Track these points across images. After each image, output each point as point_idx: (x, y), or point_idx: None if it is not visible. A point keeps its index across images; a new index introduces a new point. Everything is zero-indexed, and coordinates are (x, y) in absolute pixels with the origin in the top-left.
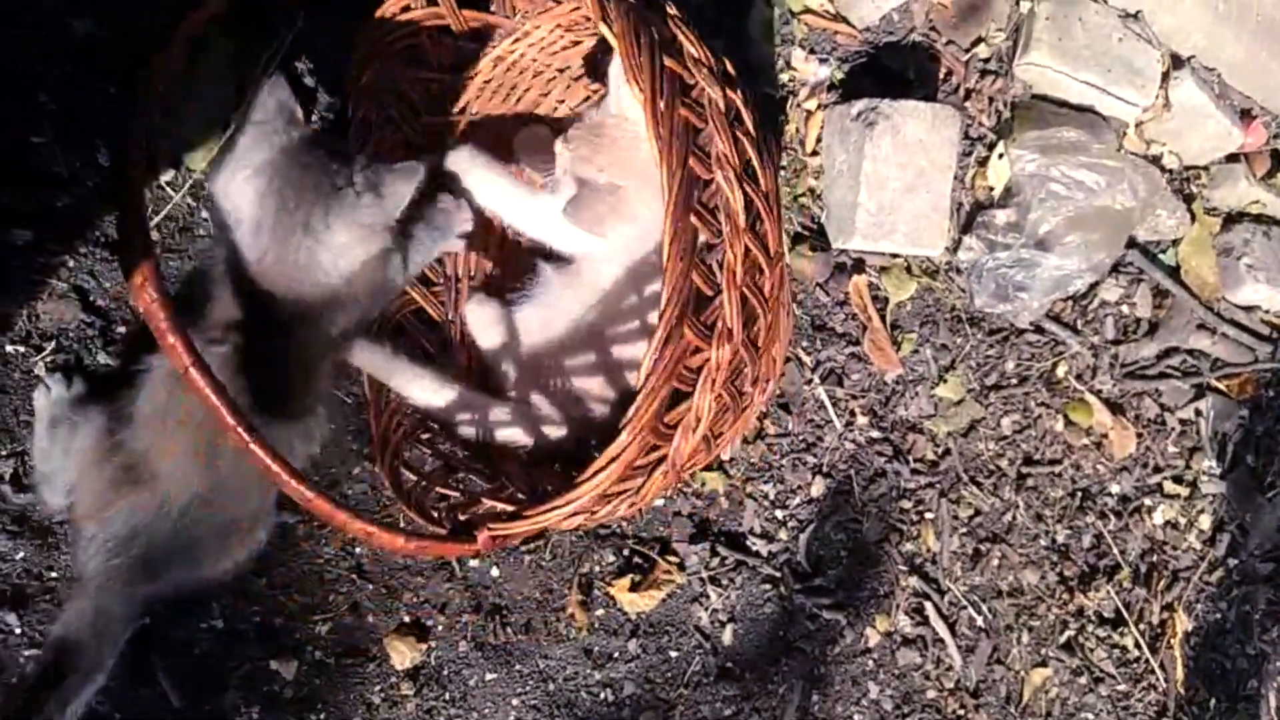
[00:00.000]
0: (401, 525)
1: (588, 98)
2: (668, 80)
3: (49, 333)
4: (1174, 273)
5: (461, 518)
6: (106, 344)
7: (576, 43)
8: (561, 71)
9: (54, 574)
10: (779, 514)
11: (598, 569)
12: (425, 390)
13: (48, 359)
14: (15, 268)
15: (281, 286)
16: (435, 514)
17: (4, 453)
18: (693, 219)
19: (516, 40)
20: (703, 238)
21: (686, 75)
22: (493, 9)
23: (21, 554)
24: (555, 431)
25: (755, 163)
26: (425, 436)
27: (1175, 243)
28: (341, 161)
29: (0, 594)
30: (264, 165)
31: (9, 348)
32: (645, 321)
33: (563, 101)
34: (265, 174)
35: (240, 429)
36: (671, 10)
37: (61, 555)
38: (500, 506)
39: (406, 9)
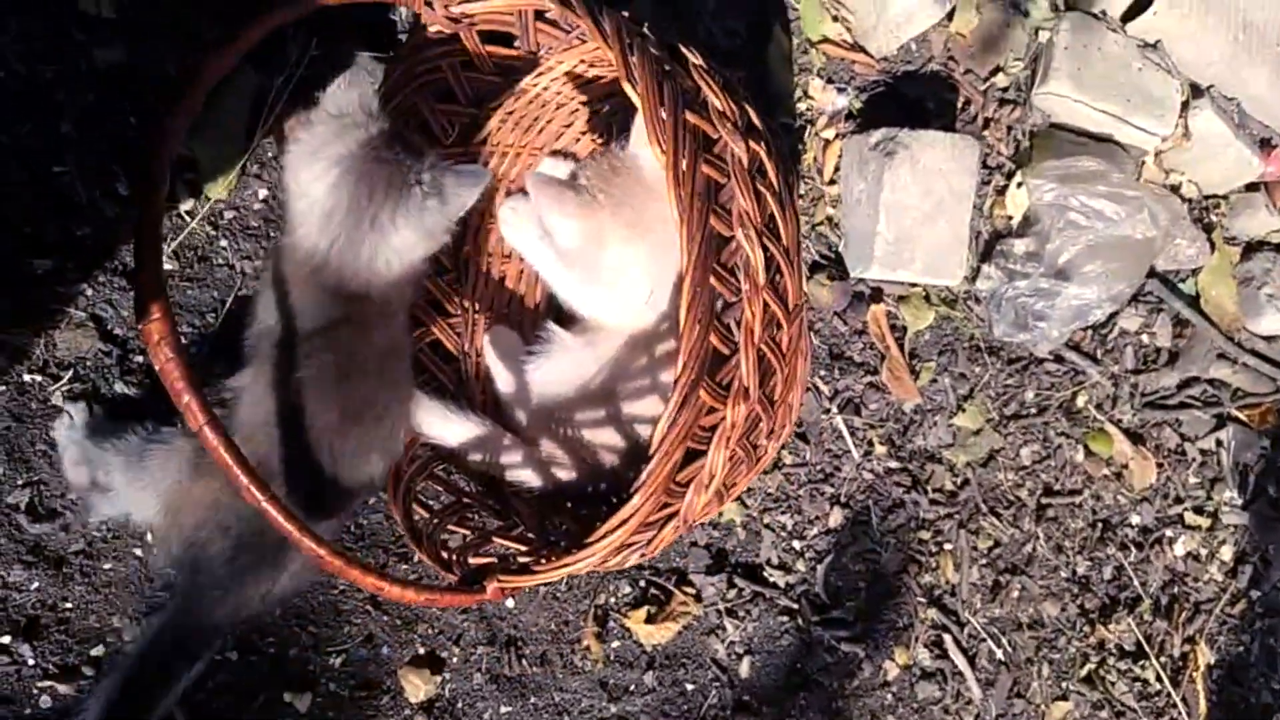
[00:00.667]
0: (413, 564)
1: (607, 136)
2: (690, 138)
3: (66, 361)
4: (1194, 302)
5: (472, 561)
6: (124, 373)
7: (600, 78)
8: (584, 105)
9: (68, 605)
10: (796, 545)
11: (613, 600)
12: (439, 422)
13: (65, 388)
14: (34, 296)
15: (343, 278)
16: (445, 556)
17: (20, 482)
18: (712, 280)
19: (540, 74)
20: (721, 296)
21: (710, 130)
22: (516, 44)
23: (36, 584)
24: (565, 474)
25: (777, 217)
26: (439, 470)
27: (1195, 272)
28: (414, 158)
29: (14, 625)
30: (341, 158)
31: (26, 376)
32: (657, 379)
33: (585, 134)
34: (342, 165)
35: (255, 489)
36: (696, 60)
37: (76, 586)
38: (511, 546)
39: (431, 44)
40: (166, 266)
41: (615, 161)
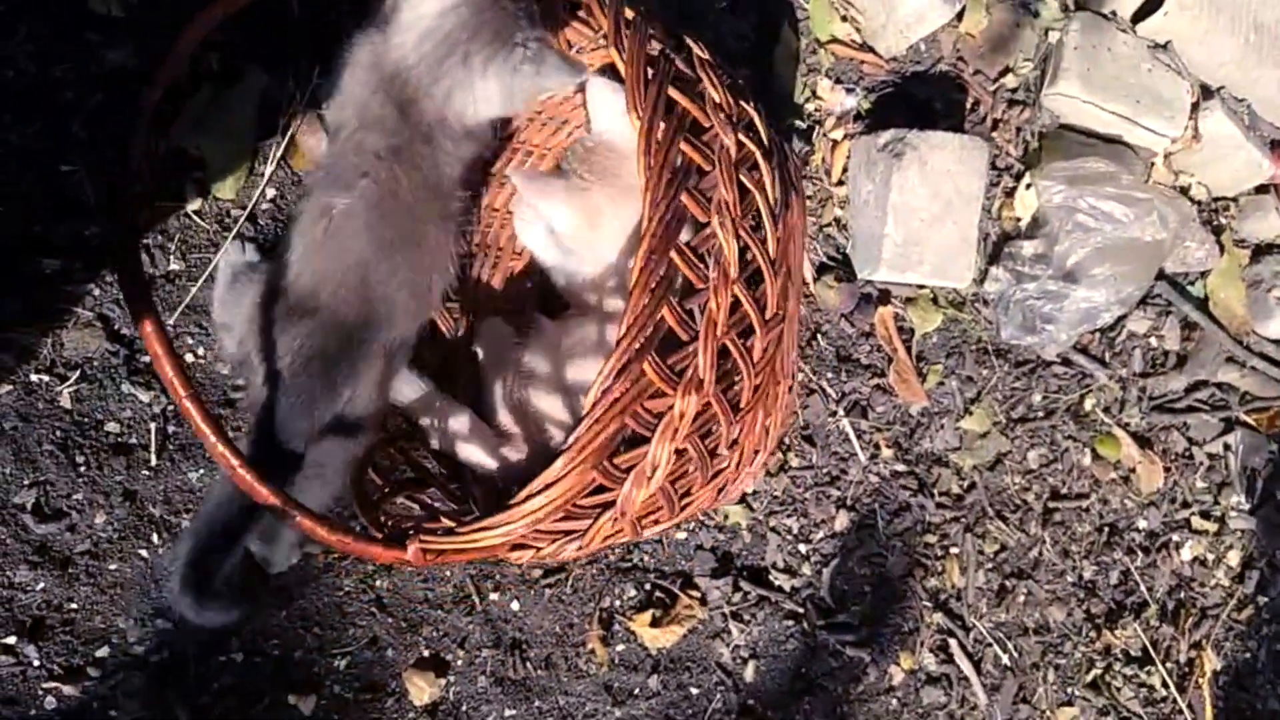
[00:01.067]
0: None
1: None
2: (668, 110)
3: (73, 361)
4: (1203, 305)
5: (405, 527)
6: (131, 373)
7: None
8: None
9: (74, 605)
10: (802, 548)
11: (618, 603)
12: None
13: (71, 388)
14: (41, 297)
15: (415, 101)
16: (382, 520)
17: (26, 482)
18: (674, 255)
19: None
20: (689, 281)
21: (701, 118)
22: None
23: (42, 585)
24: (514, 455)
25: (767, 226)
26: (404, 445)
27: (1204, 275)
28: (530, 22)
29: (20, 625)
30: None
31: (33, 376)
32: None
33: None
34: None
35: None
36: (702, 53)
37: (82, 587)
38: (447, 523)
39: None
40: (173, 267)
41: (589, 143)
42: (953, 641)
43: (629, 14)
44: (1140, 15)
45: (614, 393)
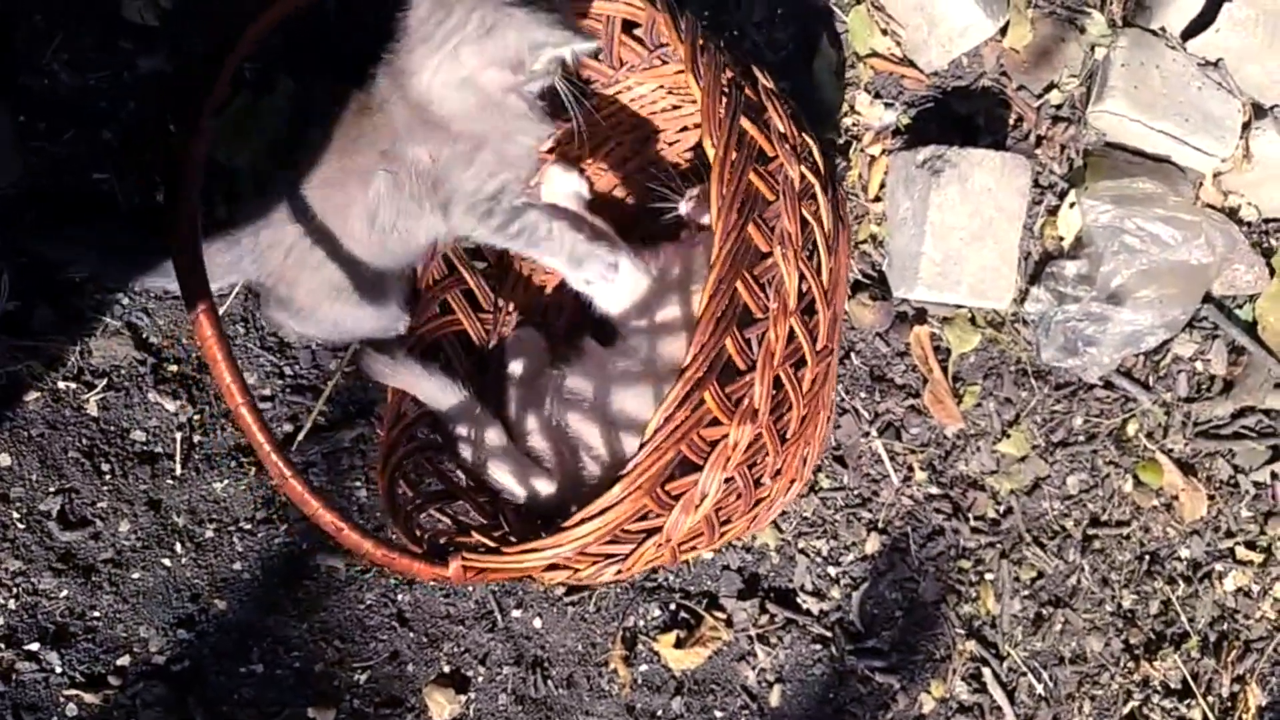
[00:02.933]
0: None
1: (678, 164)
2: (741, 141)
3: (101, 369)
4: (1251, 329)
5: (442, 542)
6: (157, 382)
7: (676, 106)
8: (657, 134)
9: (96, 613)
10: (832, 571)
11: (642, 623)
12: (433, 389)
13: (98, 396)
14: (70, 304)
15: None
16: (417, 533)
17: (52, 489)
18: (739, 285)
19: (618, 93)
20: (748, 308)
21: (768, 147)
22: (600, 59)
23: (65, 592)
24: (545, 486)
25: (822, 255)
26: (433, 456)
27: (1253, 298)
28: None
29: (43, 632)
30: None
31: (60, 384)
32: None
33: (654, 164)
34: None
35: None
36: (767, 82)
37: (104, 595)
38: (489, 543)
39: None
40: None
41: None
42: (986, 670)
43: (702, 40)
44: (1191, 32)
45: (676, 419)
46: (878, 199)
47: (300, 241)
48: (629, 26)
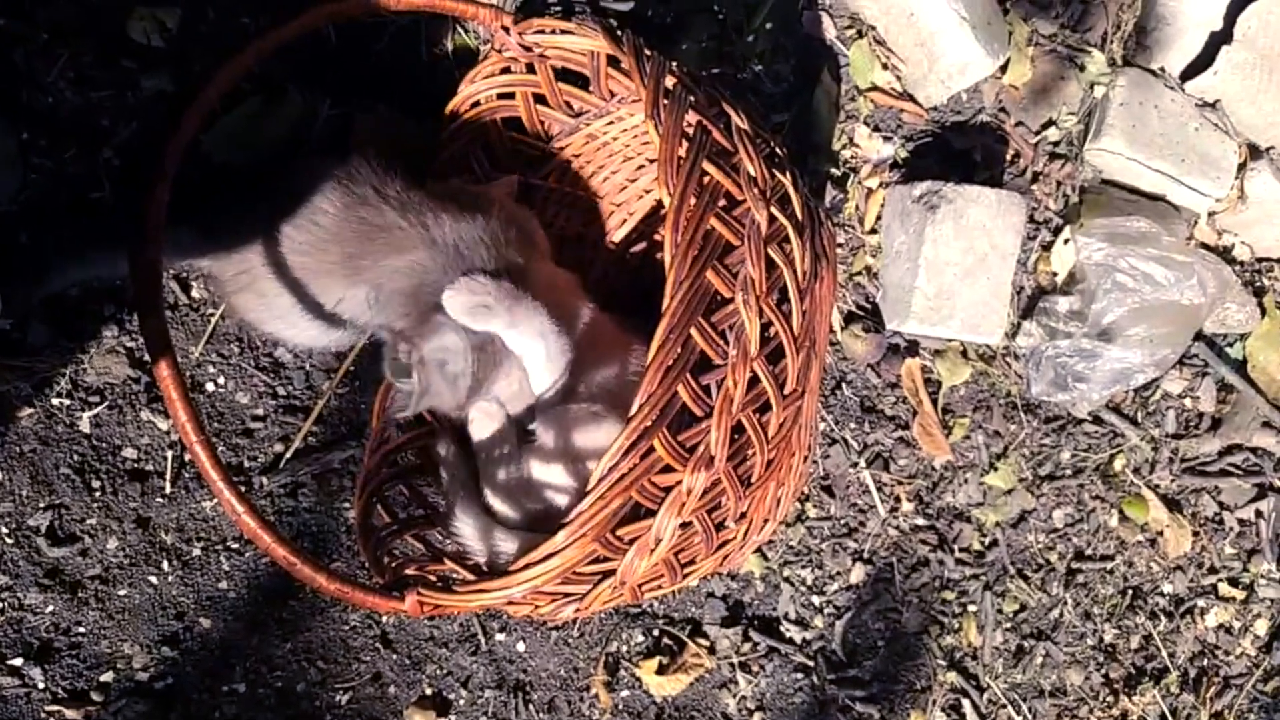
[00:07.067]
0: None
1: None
2: (702, 186)
3: (95, 387)
4: (1240, 367)
5: (409, 573)
6: (151, 400)
7: None
8: (651, 163)
9: (81, 629)
10: (816, 600)
11: (625, 649)
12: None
13: (92, 414)
14: (66, 322)
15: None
16: (384, 561)
17: (42, 505)
18: (694, 333)
19: (610, 123)
20: (703, 354)
21: (736, 191)
22: (590, 90)
23: (51, 608)
24: (505, 544)
25: (793, 300)
26: (414, 480)
27: (1243, 337)
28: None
29: (27, 647)
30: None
31: (54, 401)
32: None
33: (649, 192)
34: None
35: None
36: (741, 123)
37: (90, 611)
38: (461, 572)
39: (505, 70)
40: (195, 295)
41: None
42: (966, 701)
43: (670, 83)
44: (1189, 73)
45: (622, 468)
46: (874, 231)
47: (265, 277)
48: (613, 61)
